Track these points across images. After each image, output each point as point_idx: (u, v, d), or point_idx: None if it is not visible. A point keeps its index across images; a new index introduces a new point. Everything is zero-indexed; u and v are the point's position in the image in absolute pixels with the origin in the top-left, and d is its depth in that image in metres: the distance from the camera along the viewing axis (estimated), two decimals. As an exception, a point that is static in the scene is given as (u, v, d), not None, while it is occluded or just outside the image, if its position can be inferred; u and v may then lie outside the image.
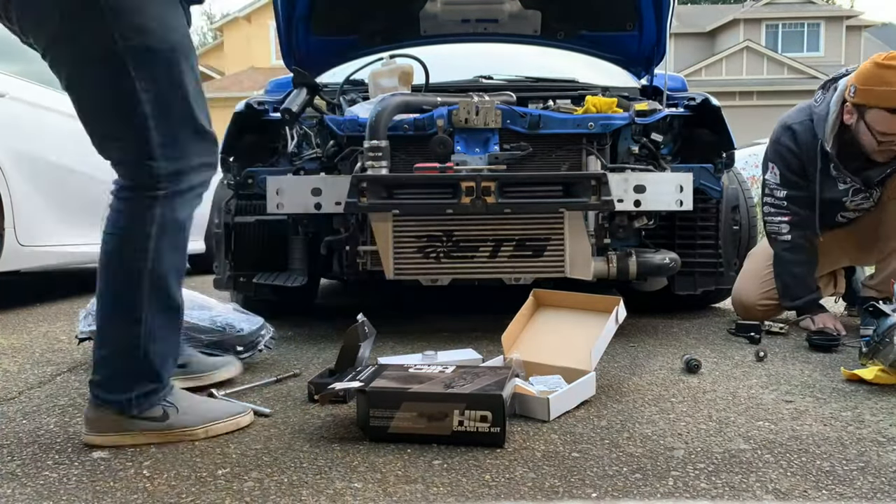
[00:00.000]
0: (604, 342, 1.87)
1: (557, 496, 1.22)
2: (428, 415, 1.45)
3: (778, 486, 1.25)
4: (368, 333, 1.85)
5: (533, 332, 2.00)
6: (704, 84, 18.87)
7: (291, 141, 2.70)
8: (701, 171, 2.61)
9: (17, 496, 1.23)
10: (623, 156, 2.62)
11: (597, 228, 2.53)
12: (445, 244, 2.41)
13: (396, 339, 2.53)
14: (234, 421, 1.53)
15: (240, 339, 2.11)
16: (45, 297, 3.78)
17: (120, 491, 1.24)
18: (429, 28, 3.33)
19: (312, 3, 3.13)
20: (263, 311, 2.47)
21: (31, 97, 3.36)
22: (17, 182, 3.19)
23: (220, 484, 1.27)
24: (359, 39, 3.32)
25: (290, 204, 2.40)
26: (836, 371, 2.07)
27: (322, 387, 1.74)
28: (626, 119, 2.56)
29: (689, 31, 23.90)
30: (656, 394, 1.84)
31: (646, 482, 1.27)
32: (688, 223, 2.77)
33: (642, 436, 1.51)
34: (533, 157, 2.55)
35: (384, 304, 3.59)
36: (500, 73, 3.26)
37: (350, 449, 1.44)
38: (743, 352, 2.34)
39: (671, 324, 2.87)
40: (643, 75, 3.33)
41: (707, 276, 2.79)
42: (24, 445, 1.47)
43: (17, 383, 1.99)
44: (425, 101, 2.60)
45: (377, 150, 2.41)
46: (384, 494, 1.22)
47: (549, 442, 1.47)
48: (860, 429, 1.56)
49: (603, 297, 1.98)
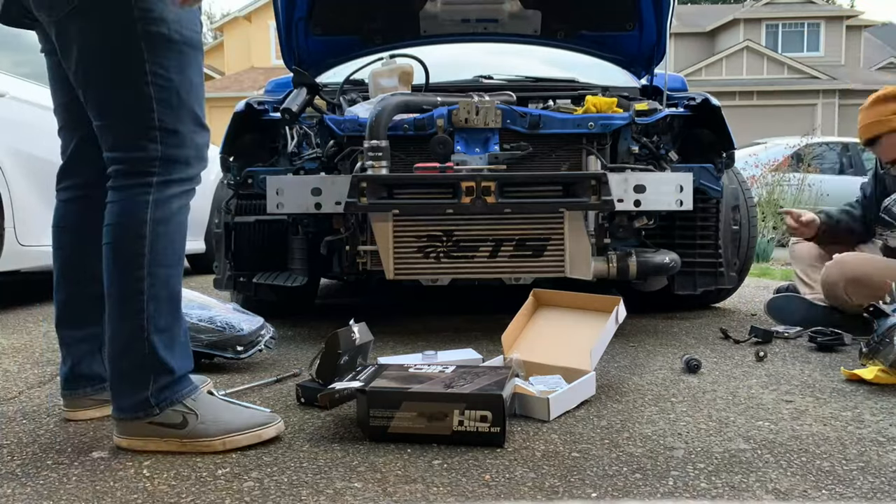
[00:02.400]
0: (604, 342, 1.87)
1: (557, 496, 1.22)
2: (428, 415, 1.45)
3: (778, 486, 1.25)
4: (359, 339, 1.80)
5: (533, 332, 2.00)
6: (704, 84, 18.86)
7: (291, 141, 2.70)
8: (701, 170, 2.61)
9: (17, 496, 1.23)
10: (623, 156, 2.62)
11: (597, 228, 2.53)
12: (445, 244, 2.41)
13: (396, 339, 2.53)
14: (255, 433, 1.46)
15: (240, 339, 2.12)
16: (45, 297, 3.78)
17: (120, 491, 1.24)
18: (429, 28, 3.33)
19: (312, 3, 3.13)
20: (263, 311, 2.47)
21: (31, 97, 3.35)
22: (18, 182, 3.19)
23: (220, 484, 1.27)
24: (359, 39, 3.32)
25: (290, 204, 2.40)
26: (836, 371, 2.07)
27: (309, 390, 1.74)
28: (626, 119, 2.56)
29: (689, 31, 23.89)
30: (656, 394, 1.84)
31: (646, 482, 1.27)
32: (688, 223, 2.78)
33: (642, 436, 1.51)
34: (533, 157, 2.55)
35: (384, 303, 3.59)
36: (500, 73, 3.26)
37: (350, 449, 1.44)
38: (743, 352, 2.34)
39: (671, 324, 2.87)
40: (643, 75, 3.34)
41: (707, 276, 2.79)
42: (24, 445, 1.47)
43: (17, 383, 1.99)
44: (425, 100, 2.60)
45: (377, 150, 2.41)
46: (384, 494, 1.22)
47: (549, 442, 1.47)
48: (860, 429, 1.56)
49: (603, 297, 1.98)
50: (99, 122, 1.46)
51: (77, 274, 1.61)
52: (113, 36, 1.39)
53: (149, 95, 1.40)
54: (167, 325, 1.45)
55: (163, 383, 1.43)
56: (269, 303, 2.91)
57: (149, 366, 1.42)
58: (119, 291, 1.43)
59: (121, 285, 1.43)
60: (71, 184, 1.63)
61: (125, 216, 1.43)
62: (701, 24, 24.42)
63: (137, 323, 1.42)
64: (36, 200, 3.30)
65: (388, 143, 2.44)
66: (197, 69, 1.47)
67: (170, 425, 1.42)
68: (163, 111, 1.42)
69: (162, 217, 1.44)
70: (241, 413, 1.50)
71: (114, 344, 1.45)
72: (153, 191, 1.44)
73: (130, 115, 1.42)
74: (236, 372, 2.11)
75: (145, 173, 1.43)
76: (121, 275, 1.43)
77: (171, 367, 1.44)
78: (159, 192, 1.44)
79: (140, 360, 1.42)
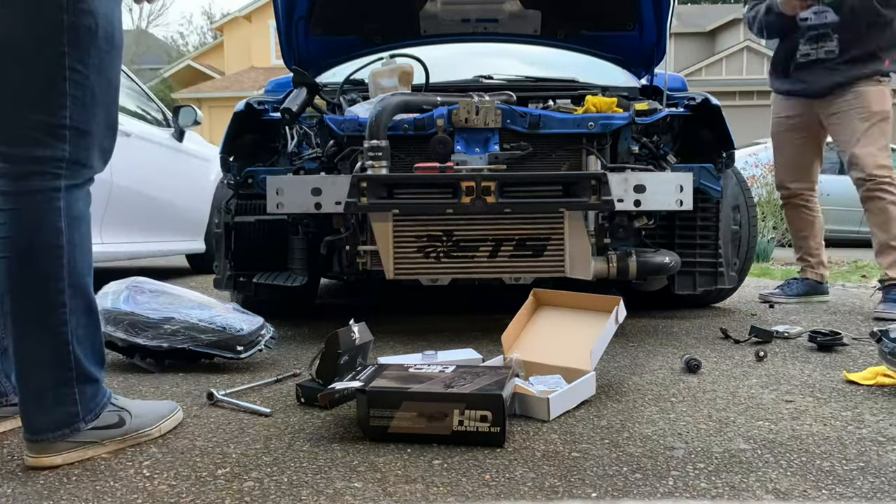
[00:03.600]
0: (604, 342, 1.87)
1: (557, 496, 1.22)
2: (428, 415, 1.45)
3: (778, 486, 1.25)
4: (359, 339, 1.81)
5: (533, 332, 2.00)
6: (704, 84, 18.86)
7: (291, 141, 2.70)
8: (701, 170, 2.62)
9: (17, 496, 1.23)
10: (623, 155, 2.62)
11: (597, 228, 2.53)
12: (445, 244, 2.41)
13: (396, 339, 2.53)
14: (175, 416, 1.59)
15: (240, 339, 2.12)
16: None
17: (120, 491, 1.24)
18: (429, 28, 3.33)
19: (312, 3, 3.13)
20: (263, 311, 2.47)
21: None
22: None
23: (220, 484, 1.27)
24: (359, 39, 3.32)
25: (290, 204, 2.40)
26: (836, 371, 2.07)
27: (309, 390, 1.74)
28: (626, 119, 2.56)
29: (689, 31, 23.88)
30: (656, 394, 1.84)
31: (646, 482, 1.27)
32: (688, 223, 2.78)
33: (642, 436, 1.51)
34: (533, 157, 2.55)
35: (384, 303, 3.59)
36: (500, 73, 3.26)
37: (350, 449, 1.44)
38: (743, 352, 2.34)
39: (671, 324, 2.87)
40: (643, 75, 3.34)
41: (707, 276, 2.79)
42: (24, 445, 1.47)
43: (17, 383, 1.99)
44: (425, 100, 2.60)
45: (377, 149, 2.41)
46: (384, 494, 1.22)
47: (549, 442, 1.47)
48: (860, 429, 1.56)
49: (603, 296, 1.98)
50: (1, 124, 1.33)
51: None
52: (35, 26, 1.29)
53: (64, 92, 1.31)
54: (88, 335, 1.38)
55: (90, 393, 1.39)
56: (269, 303, 2.92)
57: (75, 379, 1.36)
58: (36, 308, 1.32)
59: (37, 301, 1.32)
60: None
61: (33, 225, 1.31)
62: (701, 24, 24.41)
63: (61, 338, 1.33)
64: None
65: (388, 143, 2.44)
66: (116, 70, 1.40)
67: (109, 426, 1.42)
68: (76, 111, 1.32)
69: (75, 224, 1.35)
70: (155, 404, 1.59)
71: (29, 363, 1.34)
72: (62, 196, 1.33)
73: (39, 117, 1.31)
74: (236, 372, 2.11)
75: (50, 175, 1.32)
76: (36, 290, 1.32)
77: (97, 377, 1.41)
78: (69, 196, 1.34)
79: (65, 376, 1.34)
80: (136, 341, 2.07)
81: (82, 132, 1.35)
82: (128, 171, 3.97)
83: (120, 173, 3.88)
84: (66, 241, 1.33)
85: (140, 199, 4.14)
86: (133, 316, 2.08)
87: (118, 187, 3.87)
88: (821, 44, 3.14)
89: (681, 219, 2.76)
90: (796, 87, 3.28)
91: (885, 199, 3.07)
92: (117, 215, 3.91)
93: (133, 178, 4.03)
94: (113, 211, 3.86)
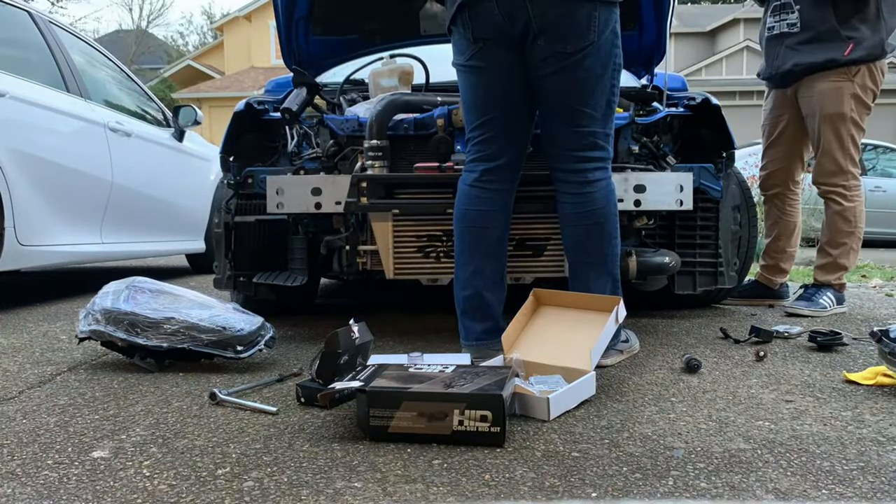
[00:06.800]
0: (604, 342, 1.87)
1: (557, 496, 1.22)
2: (428, 414, 1.45)
3: (778, 486, 1.25)
4: (359, 339, 1.80)
5: (533, 331, 2.00)
6: (704, 84, 18.86)
7: (291, 141, 2.70)
8: (701, 170, 2.61)
9: (17, 496, 1.23)
10: (623, 155, 2.61)
11: (597, 228, 2.53)
12: (445, 244, 2.41)
13: (396, 340, 2.53)
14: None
15: (240, 339, 2.11)
16: (45, 297, 3.78)
17: (120, 491, 1.24)
18: (429, 28, 3.32)
19: (312, 3, 3.13)
20: (263, 311, 2.47)
21: (31, 97, 3.35)
22: (17, 181, 3.19)
23: (220, 484, 1.27)
24: (359, 39, 3.32)
25: (290, 204, 2.40)
26: (836, 371, 2.07)
27: (309, 390, 1.74)
28: (625, 119, 2.56)
29: (689, 31, 23.88)
30: (656, 394, 1.84)
31: (646, 482, 1.27)
32: (688, 223, 2.78)
33: (642, 436, 1.51)
34: (533, 157, 2.55)
35: (384, 303, 3.59)
36: (500, 72, 3.25)
37: (350, 449, 1.44)
38: (743, 352, 2.34)
39: (671, 324, 2.87)
40: (643, 75, 3.33)
41: (707, 276, 2.79)
42: (24, 445, 1.47)
43: (17, 383, 1.99)
44: (425, 100, 2.60)
45: (377, 149, 2.41)
46: (384, 494, 1.22)
47: (549, 442, 1.47)
48: (860, 429, 1.56)
49: (603, 296, 1.98)
50: None
51: None
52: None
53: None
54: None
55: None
56: (269, 303, 2.91)
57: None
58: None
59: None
60: None
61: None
62: (701, 24, 24.41)
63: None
64: (36, 200, 3.30)
65: (388, 143, 2.44)
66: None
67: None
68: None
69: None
70: None
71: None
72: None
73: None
74: (236, 372, 2.11)
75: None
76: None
77: None
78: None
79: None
80: (136, 341, 2.07)
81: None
82: (128, 171, 3.97)
83: (120, 173, 3.89)
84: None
85: (140, 198, 4.14)
86: (133, 316, 2.08)
87: (118, 187, 3.87)
88: (783, 15, 3.08)
89: (681, 219, 2.76)
90: (768, 72, 3.21)
91: (832, 208, 3.09)
92: (117, 215, 3.91)
93: (133, 178, 4.03)
94: (113, 211, 3.86)
